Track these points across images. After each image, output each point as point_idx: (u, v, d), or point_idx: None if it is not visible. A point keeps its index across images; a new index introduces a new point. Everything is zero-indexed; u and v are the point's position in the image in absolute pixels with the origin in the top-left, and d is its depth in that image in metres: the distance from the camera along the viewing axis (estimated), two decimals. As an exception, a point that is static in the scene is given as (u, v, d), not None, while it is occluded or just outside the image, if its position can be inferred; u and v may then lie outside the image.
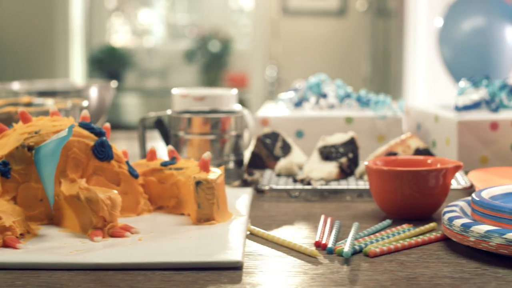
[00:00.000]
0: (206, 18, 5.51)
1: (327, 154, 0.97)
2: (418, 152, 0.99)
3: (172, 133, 1.02)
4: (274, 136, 1.05)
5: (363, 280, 0.63)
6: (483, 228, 0.68)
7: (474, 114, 1.10)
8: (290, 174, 0.98)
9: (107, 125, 0.85)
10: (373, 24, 4.47)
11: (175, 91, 1.18)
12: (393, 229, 0.77)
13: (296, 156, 1.03)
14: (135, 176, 0.83)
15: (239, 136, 1.02)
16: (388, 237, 0.74)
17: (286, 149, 1.04)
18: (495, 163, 1.07)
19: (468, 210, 0.76)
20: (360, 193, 0.93)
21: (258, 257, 0.70)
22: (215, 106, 1.14)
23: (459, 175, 0.98)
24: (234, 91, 1.20)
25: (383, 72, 4.42)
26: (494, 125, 1.07)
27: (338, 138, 0.99)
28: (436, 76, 3.10)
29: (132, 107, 5.29)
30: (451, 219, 0.71)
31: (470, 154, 1.07)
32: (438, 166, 0.84)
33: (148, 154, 0.88)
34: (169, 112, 1.05)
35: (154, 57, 5.53)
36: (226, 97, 1.17)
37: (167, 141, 1.07)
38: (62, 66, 4.66)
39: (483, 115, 1.09)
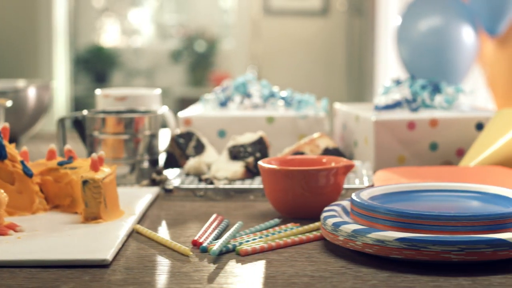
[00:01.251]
0: (193, 18, 5.52)
1: (235, 153, 0.98)
2: (327, 151, 0.99)
3: (88, 133, 1.03)
4: (188, 135, 1.05)
5: (218, 279, 0.63)
6: (350, 227, 0.68)
7: (392, 114, 1.10)
8: (198, 174, 0.99)
9: (6, 125, 0.85)
10: (350, 24, 4.48)
11: (98, 91, 1.19)
12: (277, 228, 0.77)
13: (209, 155, 1.04)
14: (30, 175, 0.84)
15: (153, 136, 1.02)
16: (267, 235, 0.74)
17: (200, 148, 1.04)
18: (413, 162, 1.08)
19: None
20: (264, 192, 0.94)
21: (130, 256, 0.70)
22: (136, 106, 1.15)
23: (365, 174, 0.98)
24: (158, 91, 1.20)
25: (358, 71, 4.42)
26: (411, 125, 1.07)
27: (247, 137, 0.99)
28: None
29: (119, 106, 5.30)
30: (325, 218, 0.72)
31: (387, 153, 1.07)
32: (331, 165, 0.84)
33: (47, 154, 0.88)
34: (85, 112, 1.05)
35: (141, 57, 5.54)
36: (148, 97, 1.17)
37: (84, 141, 1.08)
38: (45, 66, 4.66)
39: (401, 114, 1.10)
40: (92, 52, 5.47)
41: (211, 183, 0.93)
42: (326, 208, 0.76)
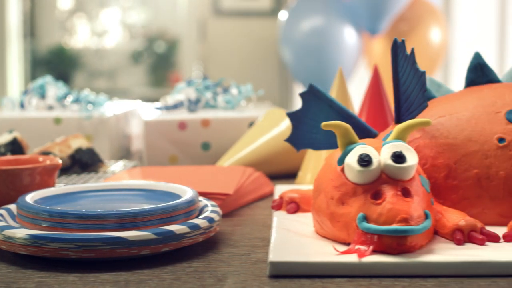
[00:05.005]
0: (154, 19, 5.54)
1: (-12, 153, 0.99)
2: (79, 151, 1.01)
3: None
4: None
5: None
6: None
7: (165, 114, 1.12)
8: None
9: None
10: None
11: None
12: None
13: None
14: None
15: None
16: None
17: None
18: (185, 161, 1.09)
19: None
20: None
21: None
22: None
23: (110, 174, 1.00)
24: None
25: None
26: (182, 125, 1.09)
27: (4, 138, 1.01)
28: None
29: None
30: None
31: (159, 153, 1.09)
32: (35, 164, 0.86)
33: None
34: None
35: (103, 58, 5.56)
36: None
37: None
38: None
39: (174, 115, 1.11)
40: (54, 53, 5.49)
41: None
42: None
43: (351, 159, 0.63)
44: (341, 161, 0.64)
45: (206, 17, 4.82)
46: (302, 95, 0.76)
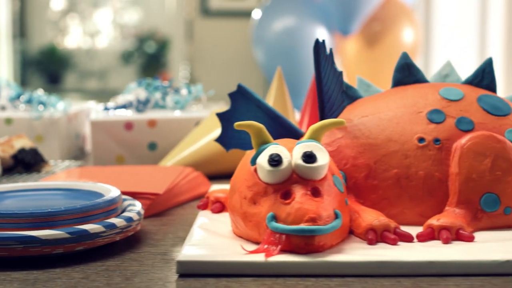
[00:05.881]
0: (145, 19, 5.54)
1: None
2: (22, 151, 1.01)
3: None
4: None
5: None
6: None
7: (112, 115, 1.11)
8: None
9: None
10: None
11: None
12: None
13: None
14: None
15: None
16: None
17: None
18: (132, 161, 1.09)
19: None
20: None
21: None
22: None
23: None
24: None
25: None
26: (128, 125, 1.09)
27: None
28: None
29: (72, 108, 5.31)
30: None
31: (105, 153, 1.09)
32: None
33: None
34: None
35: (94, 58, 5.55)
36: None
37: None
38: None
39: (121, 115, 1.11)
40: (44, 53, 5.48)
41: None
42: None
43: (262, 159, 0.62)
44: (253, 161, 0.64)
45: (193, 18, 4.83)
46: (230, 95, 0.76)
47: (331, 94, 0.72)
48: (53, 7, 5.61)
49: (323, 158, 0.62)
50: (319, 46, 0.71)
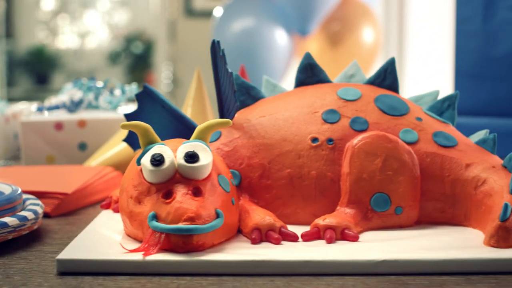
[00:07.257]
0: (133, 20, 5.54)
1: None
2: None
3: None
4: None
5: None
6: None
7: (43, 115, 1.12)
8: None
9: None
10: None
11: None
12: None
13: None
14: None
15: None
16: None
17: None
18: (62, 161, 1.10)
19: None
20: None
21: None
22: None
23: None
24: None
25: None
26: (58, 126, 1.09)
27: None
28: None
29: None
30: None
31: (36, 153, 1.09)
32: None
33: None
34: None
35: (81, 58, 5.55)
36: None
37: None
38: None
39: (52, 115, 1.11)
40: (32, 54, 5.48)
41: None
42: None
43: (146, 159, 0.63)
44: (138, 161, 0.65)
45: (176, 18, 4.83)
46: (137, 96, 0.77)
47: (227, 94, 0.72)
48: (44, 8, 5.61)
49: (205, 158, 0.63)
50: (215, 47, 0.72)
